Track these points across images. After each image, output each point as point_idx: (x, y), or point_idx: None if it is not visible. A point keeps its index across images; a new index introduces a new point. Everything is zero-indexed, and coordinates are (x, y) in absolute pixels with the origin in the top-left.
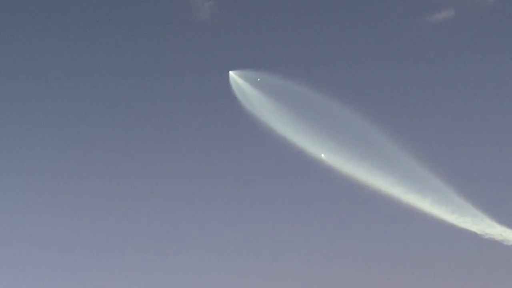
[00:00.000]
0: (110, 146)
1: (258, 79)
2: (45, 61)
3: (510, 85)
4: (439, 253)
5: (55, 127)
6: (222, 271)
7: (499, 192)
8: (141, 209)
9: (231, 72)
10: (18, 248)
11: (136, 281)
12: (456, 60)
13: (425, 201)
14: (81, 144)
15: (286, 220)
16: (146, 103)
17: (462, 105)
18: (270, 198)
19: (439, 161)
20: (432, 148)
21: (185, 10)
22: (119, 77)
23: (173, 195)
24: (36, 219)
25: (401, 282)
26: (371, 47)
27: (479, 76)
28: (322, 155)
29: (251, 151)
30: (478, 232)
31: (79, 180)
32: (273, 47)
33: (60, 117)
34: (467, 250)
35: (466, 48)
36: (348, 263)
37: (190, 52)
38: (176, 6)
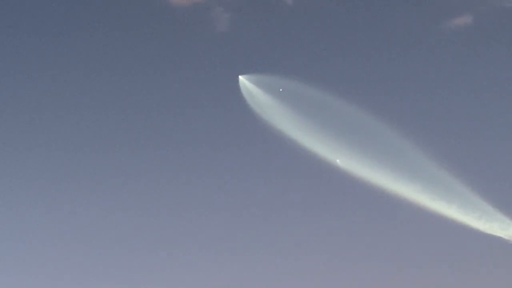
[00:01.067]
0: (120, 149)
1: (281, 89)
2: (64, 62)
3: None
4: (467, 260)
5: (70, 126)
6: (238, 276)
7: None
8: (156, 214)
9: (240, 77)
10: (17, 248)
11: (138, 281)
12: (475, 65)
13: (451, 207)
14: (95, 151)
15: (301, 229)
16: (157, 107)
17: (485, 109)
18: (283, 206)
19: (464, 166)
20: (456, 154)
21: (203, 22)
22: (133, 81)
23: (182, 200)
24: (36, 219)
25: None
26: (388, 52)
27: (500, 80)
28: (338, 160)
29: (262, 156)
30: (506, 237)
31: (88, 180)
32: (284, 50)
33: (78, 119)
34: (495, 256)
35: (485, 53)
36: (372, 274)
37: (205, 60)
38: (194, 18)
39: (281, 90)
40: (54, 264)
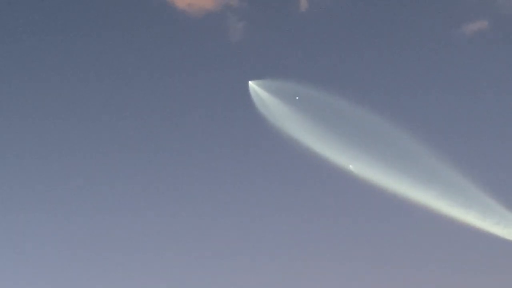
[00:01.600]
0: (131, 152)
1: (297, 98)
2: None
3: None
4: (487, 265)
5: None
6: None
7: None
8: (166, 215)
9: (250, 82)
10: (17, 248)
11: (139, 281)
12: (492, 69)
13: (469, 213)
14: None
15: (314, 236)
16: (171, 112)
17: (503, 114)
18: (294, 212)
19: (482, 172)
20: (473, 159)
21: (217, 31)
22: (148, 87)
23: (189, 206)
24: (36, 219)
25: None
26: (404, 57)
27: None
28: (350, 166)
29: (273, 161)
30: None
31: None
32: (296, 56)
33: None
34: None
35: (501, 57)
36: (388, 279)
37: (219, 67)
38: (208, 27)
39: (297, 98)
40: (54, 264)
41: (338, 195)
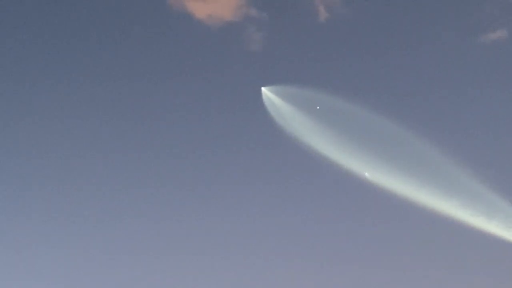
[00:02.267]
0: (148, 155)
1: (318, 107)
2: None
3: None
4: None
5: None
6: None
7: None
8: (176, 221)
9: (263, 88)
10: (17, 248)
11: (139, 281)
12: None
13: (491, 222)
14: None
15: (331, 246)
16: (186, 120)
17: None
18: (308, 219)
19: (504, 181)
20: (495, 168)
21: (236, 41)
22: (163, 94)
23: (203, 211)
24: (36, 220)
25: None
26: (423, 67)
27: None
28: (366, 173)
29: (287, 168)
30: None
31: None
32: (313, 65)
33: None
34: None
35: None
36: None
37: (237, 76)
38: (228, 37)
39: (318, 108)
40: (54, 264)
41: (353, 203)
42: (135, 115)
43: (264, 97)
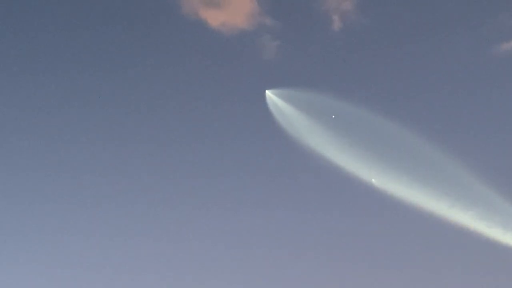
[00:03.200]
0: (153, 155)
1: (333, 116)
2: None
3: None
4: None
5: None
6: None
7: None
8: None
9: (267, 91)
10: (17, 247)
11: (138, 281)
12: None
13: (506, 233)
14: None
15: (336, 255)
16: (198, 128)
17: None
18: (310, 223)
19: None
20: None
21: (250, 50)
22: (176, 101)
23: (206, 211)
24: (35, 218)
25: None
26: (436, 77)
27: None
28: (373, 180)
29: (291, 173)
30: None
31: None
32: (328, 74)
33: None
34: None
35: None
36: None
37: (251, 86)
38: (242, 45)
39: (333, 117)
40: (53, 264)
41: (358, 208)
42: (148, 118)
43: (268, 100)
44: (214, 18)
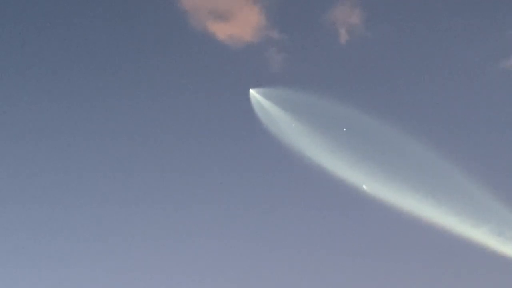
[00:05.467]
0: (131, 160)
1: (344, 129)
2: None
3: None
4: None
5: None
6: None
7: None
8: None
9: (251, 90)
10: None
11: (138, 280)
12: None
13: (497, 239)
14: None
15: (320, 262)
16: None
17: None
18: (298, 231)
19: None
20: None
21: (257, 62)
22: (183, 114)
23: (187, 212)
24: (35, 218)
25: None
26: (442, 92)
27: None
28: (364, 186)
29: (276, 176)
30: None
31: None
32: (334, 87)
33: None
34: None
35: None
36: None
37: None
38: (248, 57)
39: (344, 129)
40: (54, 263)
41: (343, 212)
42: (153, 131)
43: (252, 98)
44: (221, 30)
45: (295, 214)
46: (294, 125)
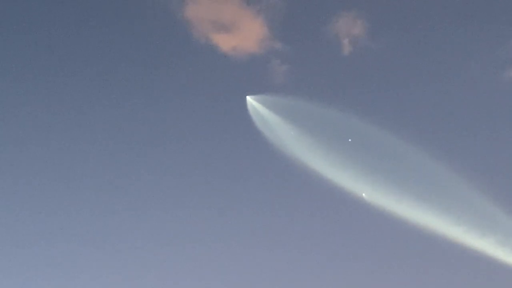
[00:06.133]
0: (129, 166)
1: (350, 140)
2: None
3: None
4: None
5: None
6: None
7: None
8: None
9: (248, 97)
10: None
11: (137, 280)
12: None
13: (504, 249)
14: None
15: (320, 271)
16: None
17: None
18: (295, 240)
19: None
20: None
21: (260, 74)
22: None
23: (184, 217)
24: (35, 219)
25: None
26: (444, 101)
27: None
28: (363, 194)
29: (272, 182)
30: None
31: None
32: (338, 99)
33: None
34: None
35: None
36: None
37: None
38: (252, 69)
39: (350, 140)
40: (53, 264)
41: (346, 223)
42: (158, 142)
43: (249, 106)
44: (224, 42)
45: (292, 220)
46: (292, 132)
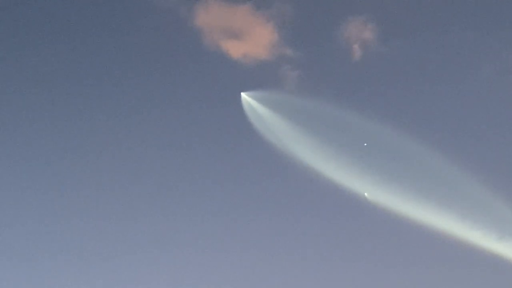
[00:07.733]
0: (125, 165)
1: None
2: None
3: None
4: None
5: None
6: None
7: None
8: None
9: (242, 94)
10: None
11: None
12: None
13: (506, 245)
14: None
15: (322, 271)
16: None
17: None
18: (295, 240)
19: None
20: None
21: (272, 80)
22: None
23: (178, 215)
24: (36, 220)
25: None
26: (456, 104)
27: None
28: (366, 194)
29: (270, 181)
30: None
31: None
32: (349, 104)
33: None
34: None
35: None
36: None
37: None
38: (263, 75)
39: (365, 144)
40: (54, 264)
41: (348, 223)
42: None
43: (243, 102)
44: (235, 49)
45: (290, 219)
46: (292, 131)
